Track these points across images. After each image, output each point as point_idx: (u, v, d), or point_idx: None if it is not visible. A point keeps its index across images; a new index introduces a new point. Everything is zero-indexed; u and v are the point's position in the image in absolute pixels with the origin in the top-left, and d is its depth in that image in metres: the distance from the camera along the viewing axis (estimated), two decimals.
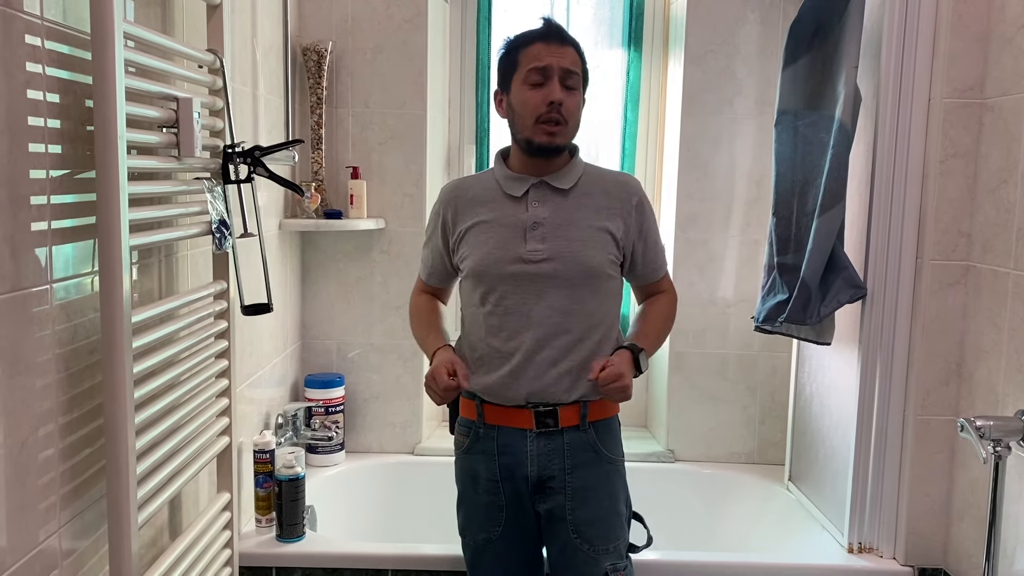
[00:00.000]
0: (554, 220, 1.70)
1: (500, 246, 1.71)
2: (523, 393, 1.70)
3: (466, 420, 1.81)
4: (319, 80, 2.54)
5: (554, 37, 1.68)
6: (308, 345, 2.71)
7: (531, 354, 1.69)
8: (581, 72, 1.70)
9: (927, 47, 1.96)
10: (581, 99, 1.71)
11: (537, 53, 1.66)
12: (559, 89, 1.65)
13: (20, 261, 1.16)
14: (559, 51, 1.66)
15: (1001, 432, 1.66)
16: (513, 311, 1.70)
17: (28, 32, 1.17)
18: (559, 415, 1.71)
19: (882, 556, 2.09)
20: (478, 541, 1.81)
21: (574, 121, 1.70)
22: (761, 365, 2.73)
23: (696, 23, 2.62)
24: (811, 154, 2.11)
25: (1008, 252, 1.81)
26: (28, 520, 1.20)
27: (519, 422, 1.73)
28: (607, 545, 1.72)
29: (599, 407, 1.75)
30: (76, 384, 1.32)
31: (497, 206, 1.74)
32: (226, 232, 1.68)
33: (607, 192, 1.75)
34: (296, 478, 2.09)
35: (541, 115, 1.65)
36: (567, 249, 1.69)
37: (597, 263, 1.70)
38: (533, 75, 1.66)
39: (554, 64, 1.64)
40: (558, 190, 1.73)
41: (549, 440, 1.72)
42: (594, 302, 1.71)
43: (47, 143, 1.22)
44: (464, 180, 1.87)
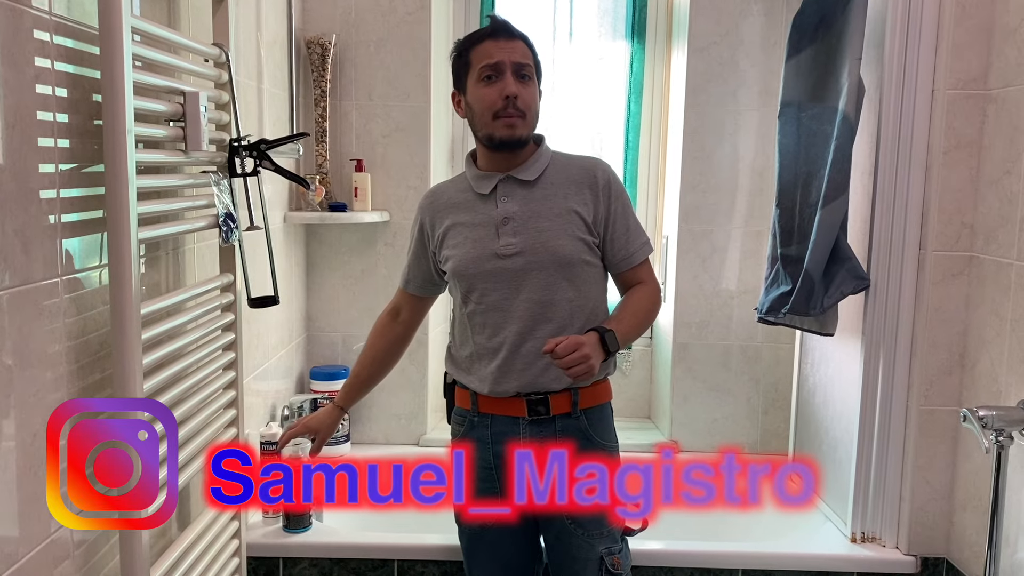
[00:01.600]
0: (523, 213, 1.72)
1: (476, 245, 1.73)
2: (513, 386, 1.73)
3: (461, 409, 1.84)
4: (323, 73, 2.55)
5: (502, 33, 1.69)
6: (313, 337, 2.72)
7: (516, 347, 1.71)
8: (533, 63, 1.71)
9: (931, 38, 1.96)
10: (537, 90, 1.72)
11: (487, 50, 1.68)
12: (513, 82, 1.66)
13: (31, 254, 1.17)
14: (508, 46, 1.68)
15: (1003, 422, 1.67)
16: (494, 307, 1.73)
17: (37, 27, 1.18)
18: (550, 403, 1.73)
19: (885, 545, 2.11)
20: (474, 528, 1.83)
21: (532, 112, 1.70)
22: (764, 356, 2.74)
23: (699, 15, 2.62)
24: (814, 146, 2.12)
25: (1011, 243, 1.82)
26: (41, 510, 1.21)
27: (512, 410, 1.75)
28: (601, 530, 1.75)
29: (590, 394, 1.76)
30: (86, 376, 1.33)
31: (470, 206, 1.76)
32: (232, 225, 1.69)
33: (572, 179, 1.75)
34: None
35: (498, 110, 1.67)
36: (538, 240, 1.70)
37: (569, 251, 1.70)
38: (486, 71, 1.67)
39: (505, 59, 1.66)
40: (524, 183, 1.74)
41: (541, 427, 1.74)
42: (572, 290, 1.71)
43: (56, 137, 1.23)
44: (438, 186, 1.90)
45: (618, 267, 1.79)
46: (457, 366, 1.83)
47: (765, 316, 2.24)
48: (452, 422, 1.88)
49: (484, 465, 1.79)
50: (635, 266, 1.79)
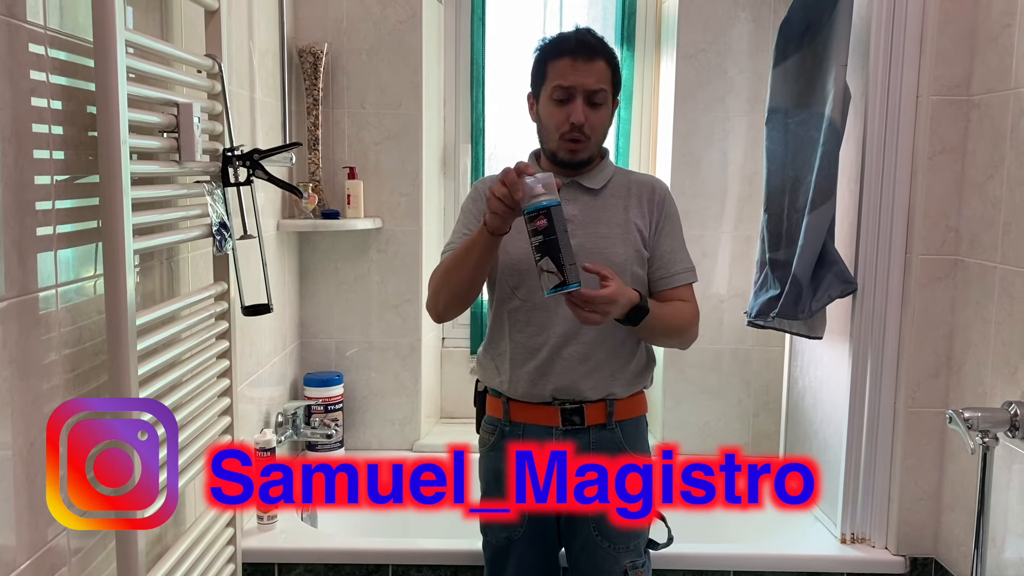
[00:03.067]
0: (583, 218, 1.72)
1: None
2: (549, 389, 1.72)
3: (492, 418, 1.82)
4: (315, 82, 2.56)
5: (582, 53, 1.66)
6: (307, 344, 2.73)
7: (557, 349, 1.70)
8: (610, 85, 1.70)
9: (914, 45, 1.99)
10: (609, 112, 1.72)
11: (563, 71, 1.66)
12: (581, 110, 1.66)
13: (27, 265, 1.19)
14: (585, 68, 1.66)
15: (989, 423, 1.69)
16: (541, 306, 1.71)
17: (32, 41, 1.19)
18: (585, 413, 1.72)
19: (874, 546, 2.13)
20: (500, 540, 1.81)
21: (598, 136, 1.71)
22: (755, 359, 2.76)
23: (688, 22, 2.64)
24: (802, 151, 2.14)
25: (995, 247, 1.84)
26: (37, 519, 1.23)
27: (545, 419, 1.74)
28: (627, 543, 1.74)
29: (626, 406, 1.76)
30: (82, 385, 1.35)
31: None
32: (226, 234, 1.71)
33: (633, 192, 1.77)
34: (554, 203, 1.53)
35: (564, 133, 1.68)
36: (595, 246, 1.70)
37: (623, 259, 1.71)
38: (558, 92, 1.67)
39: (578, 85, 1.65)
40: (588, 189, 1.75)
41: (575, 438, 1.73)
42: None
43: (51, 149, 1.25)
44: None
45: (657, 285, 1.76)
46: (488, 368, 1.81)
47: (754, 320, 2.26)
48: (482, 431, 1.86)
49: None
50: (674, 288, 1.76)
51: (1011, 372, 1.77)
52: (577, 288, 1.50)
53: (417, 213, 2.68)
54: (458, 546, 2.09)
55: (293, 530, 2.19)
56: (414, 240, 2.69)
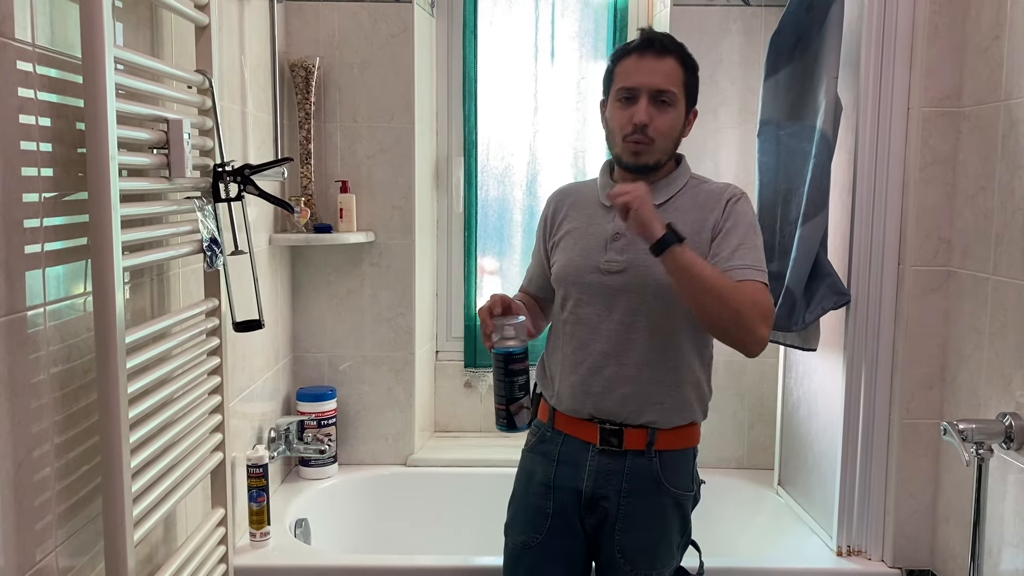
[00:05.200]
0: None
1: (583, 254, 1.70)
2: (589, 407, 1.69)
3: (539, 422, 1.80)
4: (307, 96, 2.56)
5: (649, 50, 1.64)
6: (299, 359, 2.72)
7: (597, 368, 1.66)
8: (683, 85, 1.65)
9: (905, 57, 2.00)
10: (678, 115, 1.66)
11: (627, 70, 1.65)
12: (645, 109, 1.61)
13: (15, 284, 1.18)
14: (652, 66, 1.63)
15: (983, 435, 1.69)
16: (584, 321, 1.69)
17: (20, 58, 1.18)
18: (624, 436, 1.67)
19: (870, 559, 2.12)
20: (516, 543, 1.78)
21: (664, 139, 1.65)
22: (749, 371, 2.76)
23: (679, 34, 2.58)
24: (794, 163, 2.15)
25: (987, 257, 1.84)
26: (25, 540, 1.21)
27: (585, 434, 1.70)
28: (650, 572, 1.69)
29: (670, 437, 1.68)
30: (71, 404, 1.33)
31: (590, 214, 1.74)
32: (217, 250, 1.70)
33: (699, 205, 1.67)
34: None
35: (627, 134, 1.64)
36: (644, 263, 1.61)
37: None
38: (623, 92, 1.65)
39: (643, 84, 1.62)
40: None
41: (611, 459, 1.68)
42: (668, 323, 1.64)
43: (40, 167, 1.24)
44: (571, 185, 1.88)
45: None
46: (543, 375, 1.80)
47: None
48: (528, 432, 1.82)
49: (543, 482, 1.74)
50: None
51: (1005, 383, 1.77)
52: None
53: (410, 226, 2.67)
54: (453, 562, 2.08)
55: (286, 547, 2.17)
56: (407, 253, 2.69)
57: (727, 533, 2.56)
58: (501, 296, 1.65)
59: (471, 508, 2.58)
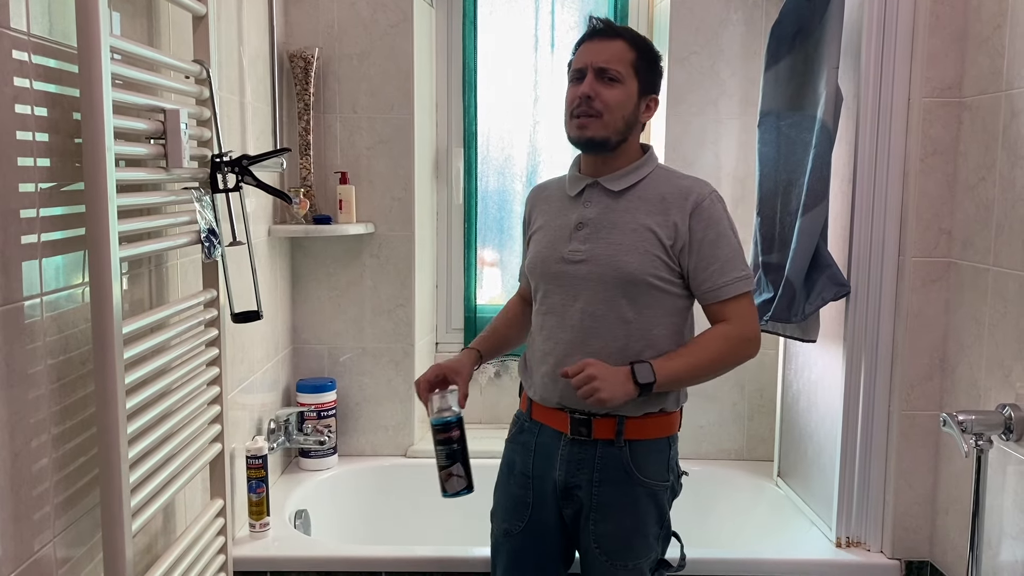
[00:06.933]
0: (599, 221, 1.68)
1: (549, 245, 1.73)
2: (556, 397, 1.71)
3: (520, 411, 1.84)
4: (306, 86, 2.55)
5: (598, 35, 1.69)
6: (299, 350, 2.72)
7: (564, 357, 1.67)
8: (631, 66, 1.66)
9: (906, 47, 1.99)
10: (627, 92, 1.65)
11: (579, 54, 1.71)
12: (590, 83, 1.64)
13: (11, 274, 1.17)
14: (599, 47, 1.66)
15: (983, 426, 1.69)
16: (552, 311, 1.71)
17: (15, 48, 1.18)
18: (593, 426, 1.68)
19: (870, 550, 2.12)
20: (500, 530, 1.81)
21: (611, 113, 1.64)
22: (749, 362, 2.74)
23: (680, 25, 2.64)
24: (794, 154, 2.14)
25: (987, 248, 1.84)
26: (23, 530, 1.21)
27: (558, 424, 1.72)
28: (626, 562, 1.69)
29: (639, 425, 1.68)
30: (68, 394, 1.33)
31: (560, 206, 1.77)
32: (215, 241, 1.69)
33: (663, 197, 1.67)
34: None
35: (573, 108, 1.67)
36: (606, 252, 1.65)
37: (634, 269, 1.63)
38: (572, 74, 1.70)
39: (589, 62, 1.66)
40: (610, 192, 1.70)
41: (581, 449, 1.70)
42: (631, 311, 1.65)
43: (36, 157, 1.23)
44: (545, 182, 1.91)
45: (704, 299, 1.69)
46: (524, 366, 1.82)
47: None
48: (511, 421, 1.86)
49: (523, 472, 1.77)
50: (721, 301, 1.66)
51: (1005, 374, 1.77)
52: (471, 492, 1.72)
53: (409, 218, 2.66)
54: (452, 553, 2.08)
55: (285, 538, 2.17)
56: (407, 245, 2.68)
57: (726, 524, 2.56)
58: (437, 367, 1.77)
59: (470, 499, 2.57)
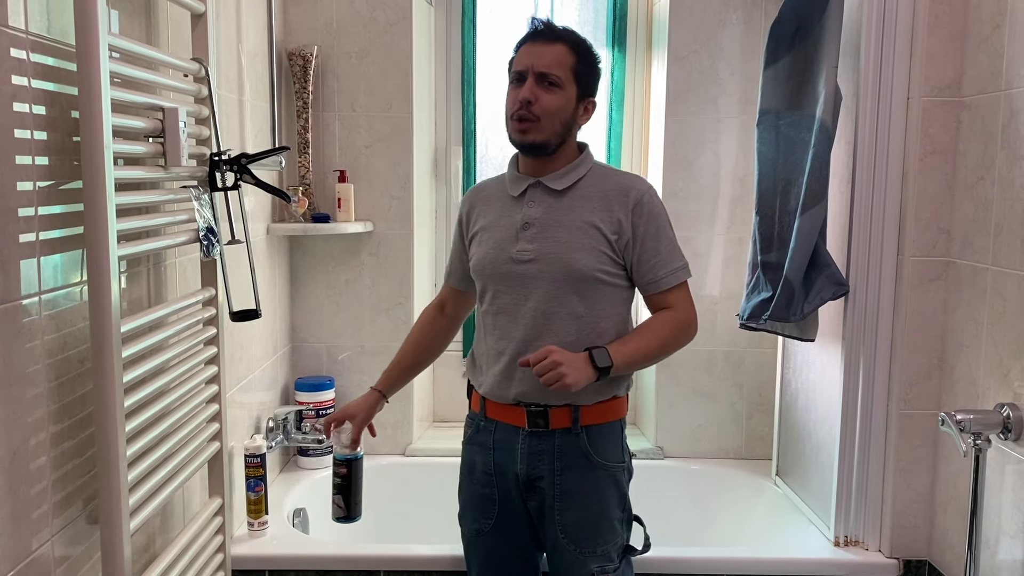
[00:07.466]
0: (544, 221, 1.72)
1: (496, 246, 1.74)
2: (513, 393, 1.73)
3: (472, 412, 1.85)
4: (305, 84, 2.55)
5: (539, 37, 1.71)
6: (298, 348, 2.72)
7: (517, 355, 1.70)
8: (571, 71, 1.69)
9: (905, 47, 1.98)
10: (566, 97, 1.69)
11: (519, 55, 1.72)
12: (530, 88, 1.67)
13: (9, 273, 1.17)
14: (540, 50, 1.69)
15: (981, 425, 1.69)
16: (503, 311, 1.73)
17: (13, 46, 1.18)
18: (550, 416, 1.72)
19: (868, 549, 2.12)
20: (470, 531, 1.84)
21: (550, 119, 1.68)
22: (748, 361, 2.76)
23: (679, 24, 2.64)
24: (793, 153, 2.14)
25: (986, 248, 1.84)
26: (21, 529, 1.21)
27: (514, 419, 1.75)
28: (594, 548, 1.72)
29: (594, 411, 1.73)
30: (67, 393, 1.33)
31: (502, 206, 1.78)
32: (214, 239, 1.69)
33: (604, 193, 1.72)
34: (359, 457, 1.94)
35: (514, 113, 1.70)
36: (553, 250, 1.69)
37: (583, 266, 1.68)
38: (513, 76, 1.72)
39: (529, 66, 1.68)
40: (552, 191, 1.73)
41: (540, 440, 1.73)
42: (581, 305, 1.69)
43: (34, 155, 1.23)
44: (483, 182, 1.93)
45: (646, 291, 1.75)
46: (472, 365, 1.85)
47: (746, 322, 2.26)
48: (464, 423, 1.89)
49: (485, 470, 1.79)
50: (663, 291, 1.73)
51: (1003, 374, 1.77)
52: (360, 519, 1.93)
53: (408, 216, 2.66)
54: (450, 551, 2.08)
55: (284, 536, 2.17)
56: (405, 243, 2.68)
57: (725, 523, 2.57)
58: (342, 408, 1.92)
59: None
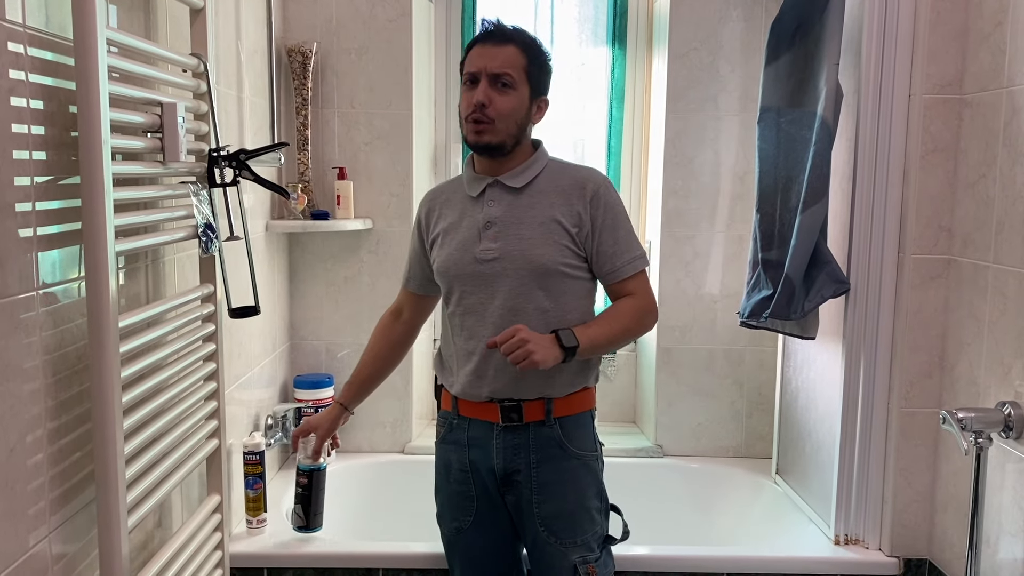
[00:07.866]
0: (506, 219, 1.73)
1: (459, 247, 1.75)
2: (485, 391, 1.74)
3: (444, 411, 1.86)
4: (304, 81, 2.54)
5: (490, 39, 1.71)
6: (297, 346, 2.71)
7: (488, 354, 1.71)
8: (523, 71, 1.70)
9: (907, 44, 1.98)
10: (519, 99, 1.70)
11: (472, 56, 1.72)
12: (484, 90, 1.67)
13: (6, 268, 1.16)
14: (492, 52, 1.69)
15: (982, 424, 1.69)
16: (471, 311, 1.75)
17: (10, 39, 1.17)
18: (523, 410, 1.74)
19: (868, 547, 2.12)
20: (451, 530, 1.86)
21: (504, 120, 1.69)
22: (748, 360, 2.75)
23: (679, 21, 2.63)
24: (794, 151, 2.13)
25: (988, 246, 1.83)
26: (18, 526, 1.20)
27: (487, 415, 1.76)
28: (574, 539, 1.74)
29: (565, 403, 1.76)
30: (64, 389, 1.32)
31: (462, 208, 1.79)
32: (212, 236, 1.68)
33: (561, 188, 1.74)
34: (321, 468, 2.06)
35: (469, 115, 1.70)
36: (517, 247, 1.70)
37: (547, 261, 1.70)
38: (466, 77, 1.72)
39: (482, 68, 1.68)
40: (511, 189, 1.75)
41: (515, 435, 1.75)
42: (547, 300, 1.71)
43: (31, 150, 1.22)
44: (439, 185, 1.93)
45: (606, 280, 1.77)
46: (441, 366, 1.86)
47: (747, 320, 2.25)
48: (436, 423, 1.90)
49: (461, 468, 1.81)
50: (623, 280, 1.75)
51: (1004, 372, 1.76)
52: (319, 530, 2.08)
53: (407, 213, 2.66)
54: None
55: (282, 534, 2.16)
56: (404, 240, 2.66)
57: (725, 522, 2.56)
58: (306, 420, 2.03)
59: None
